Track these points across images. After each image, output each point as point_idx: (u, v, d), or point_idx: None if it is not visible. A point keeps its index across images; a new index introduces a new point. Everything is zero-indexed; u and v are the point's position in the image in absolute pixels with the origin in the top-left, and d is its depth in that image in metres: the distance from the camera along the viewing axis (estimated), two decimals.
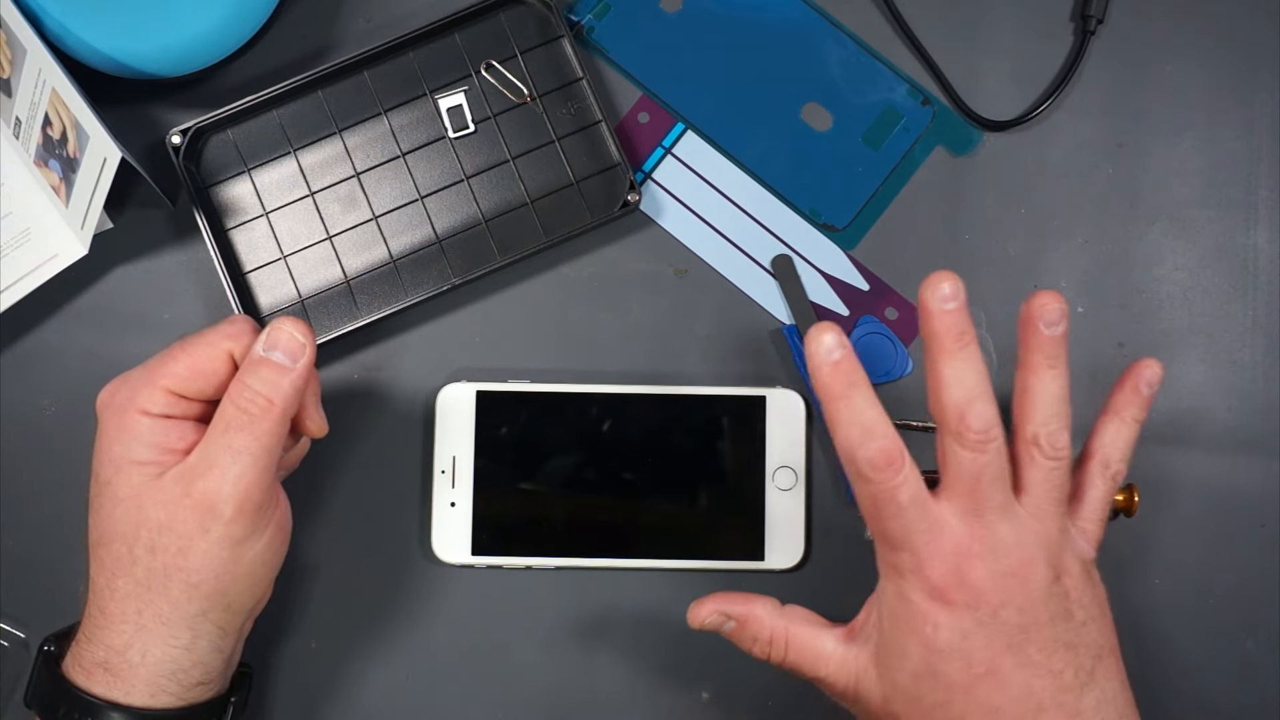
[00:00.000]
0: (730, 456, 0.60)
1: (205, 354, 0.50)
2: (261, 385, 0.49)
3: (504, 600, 0.61)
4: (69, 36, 0.57)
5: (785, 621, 0.51)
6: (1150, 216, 0.63)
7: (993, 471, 0.47)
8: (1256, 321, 0.62)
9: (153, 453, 0.49)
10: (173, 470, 0.49)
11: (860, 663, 0.50)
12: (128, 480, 0.49)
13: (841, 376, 0.47)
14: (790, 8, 0.64)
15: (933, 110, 0.63)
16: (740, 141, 0.63)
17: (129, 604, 0.49)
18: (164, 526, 0.48)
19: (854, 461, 0.47)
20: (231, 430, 0.49)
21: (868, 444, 0.47)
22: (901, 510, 0.47)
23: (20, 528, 0.61)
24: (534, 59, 0.62)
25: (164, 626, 0.49)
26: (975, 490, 0.47)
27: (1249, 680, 0.60)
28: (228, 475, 0.48)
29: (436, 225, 0.62)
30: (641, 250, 0.62)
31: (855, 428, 0.47)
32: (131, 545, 0.49)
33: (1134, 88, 0.63)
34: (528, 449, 0.60)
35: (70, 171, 0.58)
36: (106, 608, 0.49)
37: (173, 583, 0.49)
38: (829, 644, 0.51)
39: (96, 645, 0.49)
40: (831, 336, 0.47)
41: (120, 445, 0.49)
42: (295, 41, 0.63)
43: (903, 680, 0.48)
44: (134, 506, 0.49)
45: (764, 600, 0.52)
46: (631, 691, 0.60)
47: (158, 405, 0.49)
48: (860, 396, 0.47)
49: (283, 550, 0.52)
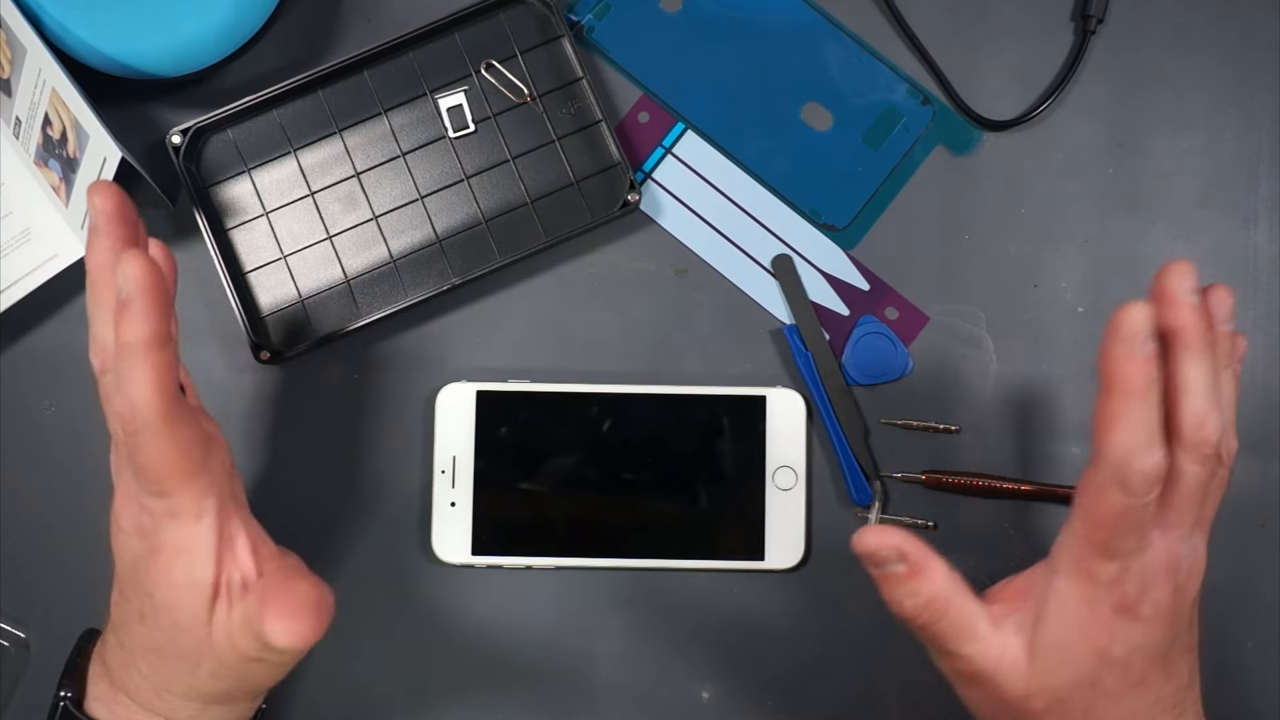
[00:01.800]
0: (730, 456, 0.60)
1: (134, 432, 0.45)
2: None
3: (504, 600, 0.61)
4: (69, 36, 0.57)
5: (953, 587, 0.47)
6: (1150, 216, 0.63)
7: (1208, 488, 0.45)
8: (1256, 321, 0.62)
9: (211, 570, 0.47)
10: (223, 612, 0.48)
11: (1009, 653, 0.47)
12: (188, 610, 0.47)
13: (1145, 372, 0.42)
14: (790, 8, 0.63)
15: (933, 110, 0.63)
16: (740, 141, 0.63)
17: (192, 702, 0.49)
18: (226, 664, 0.48)
19: (1125, 468, 0.42)
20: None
21: (1147, 456, 0.42)
22: (1133, 528, 0.44)
23: (20, 528, 0.61)
24: (534, 59, 0.62)
25: (228, 706, 0.51)
26: (1187, 506, 0.44)
27: (1249, 680, 0.60)
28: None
29: (436, 225, 0.62)
30: (641, 250, 0.62)
31: (1142, 434, 0.42)
32: (194, 667, 0.49)
33: (1134, 88, 0.63)
34: (528, 449, 0.60)
35: (70, 171, 0.58)
36: (165, 697, 0.49)
37: (236, 692, 0.50)
38: (983, 625, 0.47)
39: (156, 715, 0.49)
40: (1146, 321, 0.42)
41: (180, 568, 0.47)
42: (295, 41, 0.63)
43: (1057, 683, 0.46)
44: (196, 640, 0.48)
45: (938, 557, 0.47)
46: (631, 691, 0.60)
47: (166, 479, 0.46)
48: (1153, 400, 0.42)
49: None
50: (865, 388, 0.61)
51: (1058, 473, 0.61)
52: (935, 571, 0.47)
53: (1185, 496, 0.44)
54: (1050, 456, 0.61)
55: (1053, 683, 0.46)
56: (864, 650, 0.60)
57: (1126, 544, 0.44)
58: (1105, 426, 0.43)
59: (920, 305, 0.62)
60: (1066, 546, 0.46)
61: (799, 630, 0.61)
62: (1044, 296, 0.62)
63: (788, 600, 0.61)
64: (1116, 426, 0.42)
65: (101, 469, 0.61)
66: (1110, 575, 0.45)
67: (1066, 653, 0.46)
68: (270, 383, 0.61)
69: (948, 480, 0.60)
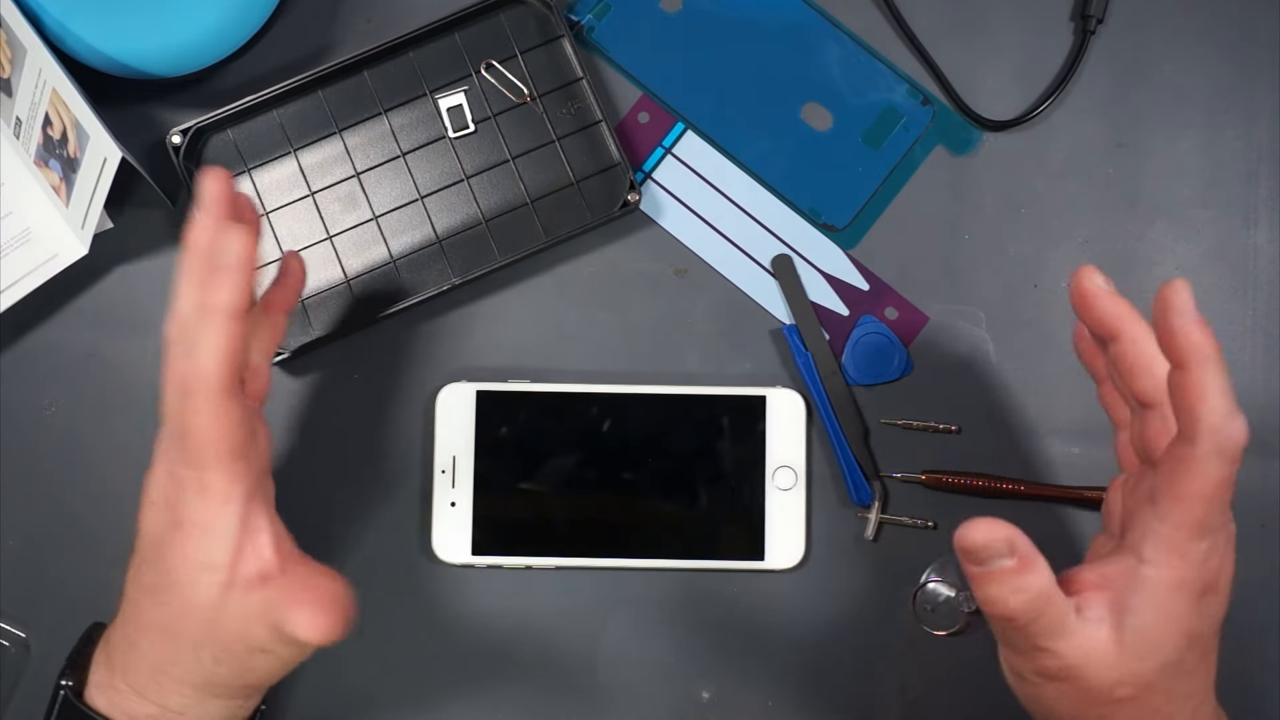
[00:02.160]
0: (730, 456, 0.60)
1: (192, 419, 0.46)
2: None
3: (504, 600, 0.61)
4: (69, 36, 0.57)
5: (1054, 582, 0.45)
6: (1150, 216, 0.63)
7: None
8: (1256, 321, 0.62)
9: (229, 554, 0.48)
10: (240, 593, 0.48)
11: (1098, 644, 0.45)
12: (202, 590, 0.47)
13: (1210, 337, 0.43)
14: (790, 8, 0.63)
15: (933, 110, 0.63)
16: (740, 141, 0.63)
17: (187, 687, 0.49)
18: (231, 651, 0.48)
19: (1223, 435, 0.43)
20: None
21: (1238, 420, 0.43)
22: (1225, 501, 0.44)
23: (20, 528, 0.61)
24: (534, 59, 0.62)
25: (222, 700, 0.50)
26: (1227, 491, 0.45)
27: (1249, 680, 0.60)
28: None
29: (436, 225, 0.62)
30: (641, 250, 0.62)
31: (1229, 398, 0.43)
32: (198, 650, 0.48)
33: (1134, 88, 0.63)
34: (528, 449, 0.60)
35: (70, 171, 0.58)
36: (161, 680, 0.49)
37: (235, 684, 0.50)
38: (1071, 618, 0.46)
39: (149, 702, 0.49)
40: (1189, 295, 0.43)
41: (196, 545, 0.47)
42: (295, 41, 0.63)
43: (1146, 669, 0.46)
44: (205, 622, 0.48)
45: (1039, 552, 0.46)
46: (631, 691, 0.60)
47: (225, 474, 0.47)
48: (1223, 365, 0.43)
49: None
50: (865, 388, 0.61)
51: (1058, 473, 0.61)
52: (1042, 566, 0.45)
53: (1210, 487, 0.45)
54: (1050, 456, 0.61)
55: (1142, 669, 0.46)
56: (864, 650, 0.60)
57: (1217, 519, 0.44)
58: (1197, 396, 0.43)
59: (920, 305, 0.62)
60: (1153, 533, 0.45)
61: (799, 630, 0.60)
62: (1044, 296, 0.62)
63: (788, 600, 0.61)
64: (1208, 394, 0.42)
65: (102, 469, 0.61)
66: (1202, 554, 0.45)
67: (1159, 639, 0.45)
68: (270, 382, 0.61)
69: (948, 480, 0.60)
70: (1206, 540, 0.45)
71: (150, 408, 0.61)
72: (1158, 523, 0.45)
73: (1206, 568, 0.45)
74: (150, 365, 0.61)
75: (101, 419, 0.61)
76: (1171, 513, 0.45)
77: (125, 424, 0.61)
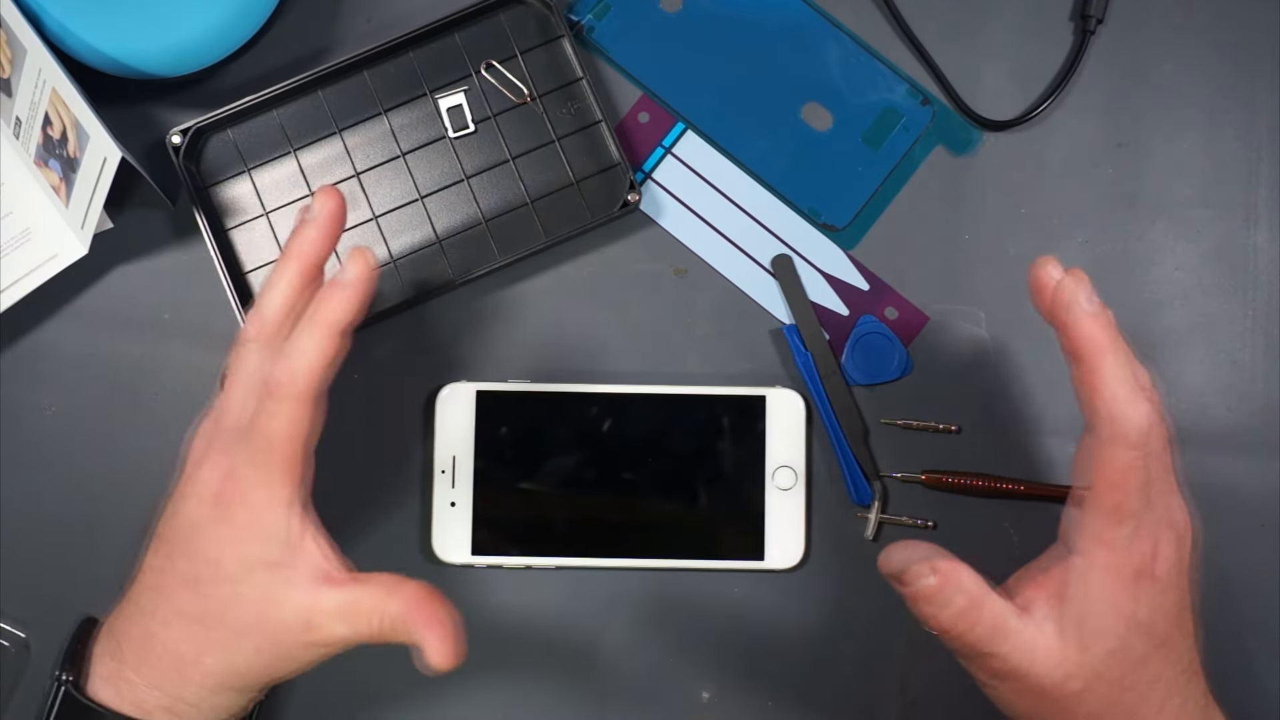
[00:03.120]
0: (730, 456, 0.60)
1: (282, 432, 0.48)
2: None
3: (504, 600, 0.61)
4: (69, 36, 0.57)
5: (982, 590, 0.47)
6: (1150, 216, 0.63)
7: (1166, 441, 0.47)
8: (1256, 321, 0.62)
9: (284, 553, 0.48)
10: (300, 590, 0.49)
11: (1042, 641, 0.47)
12: (255, 584, 0.48)
13: (1107, 325, 0.46)
14: (790, 8, 0.64)
15: (933, 110, 0.63)
16: (740, 141, 0.63)
17: (212, 678, 0.49)
18: (278, 641, 0.49)
19: (1123, 421, 0.45)
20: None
21: (1140, 402, 0.45)
22: (1139, 484, 0.45)
23: (20, 528, 0.61)
24: (534, 59, 0.62)
25: (238, 692, 0.50)
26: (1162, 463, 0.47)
27: (1249, 680, 0.60)
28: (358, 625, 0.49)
29: (436, 225, 0.62)
30: (641, 250, 0.62)
31: (1127, 383, 0.45)
32: (240, 639, 0.49)
33: (1134, 88, 0.63)
34: (528, 449, 0.60)
35: (70, 171, 0.58)
36: (186, 671, 0.49)
37: (265, 675, 0.50)
38: (1012, 620, 0.47)
39: (163, 693, 0.49)
40: (1086, 287, 0.46)
41: (255, 545, 0.48)
42: (295, 41, 0.63)
43: (1092, 659, 0.46)
44: (257, 613, 0.48)
45: (962, 562, 0.47)
46: (631, 691, 0.60)
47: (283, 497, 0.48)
48: (1124, 349, 0.46)
49: None
50: (865, 388, 0.62)
51: (1058, 473, 0.61)
52: (965, 578, 0.47)
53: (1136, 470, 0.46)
54: (1050, 456, 0.61)
55: (1088, 659, 0.47)
56: (864, 650, 0.60)
57: (1135, 502, 0.46)
58: (1093, 388, 0.46)
59: (920, 305, 0.62)
60: (1077, 523, 0.47)
61: (799, 630, 0.60)
62: None
63: (788, 600, 0.61)
64: (1103, 384, 0.45)
65: (101, 469, 0.61)
66: (1125, 537, 0.46)
67: (1097, 626, 0.46)
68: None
69: (948, 480, 0.60)
70: (1127, 525, 0.46)
71: (149, 406, 0.61)
72: (1079, 512, 0.47)
73: (1133, 552, 0.46)
74: (150, 365, 0.61)
75: (101, 419, 0.61)
76: (1089, 501, 0.46)
77: (125, 424, 0.61)
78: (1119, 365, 0.45)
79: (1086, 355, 0.46)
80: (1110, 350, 0.46)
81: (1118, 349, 0.46)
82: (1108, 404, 0.45)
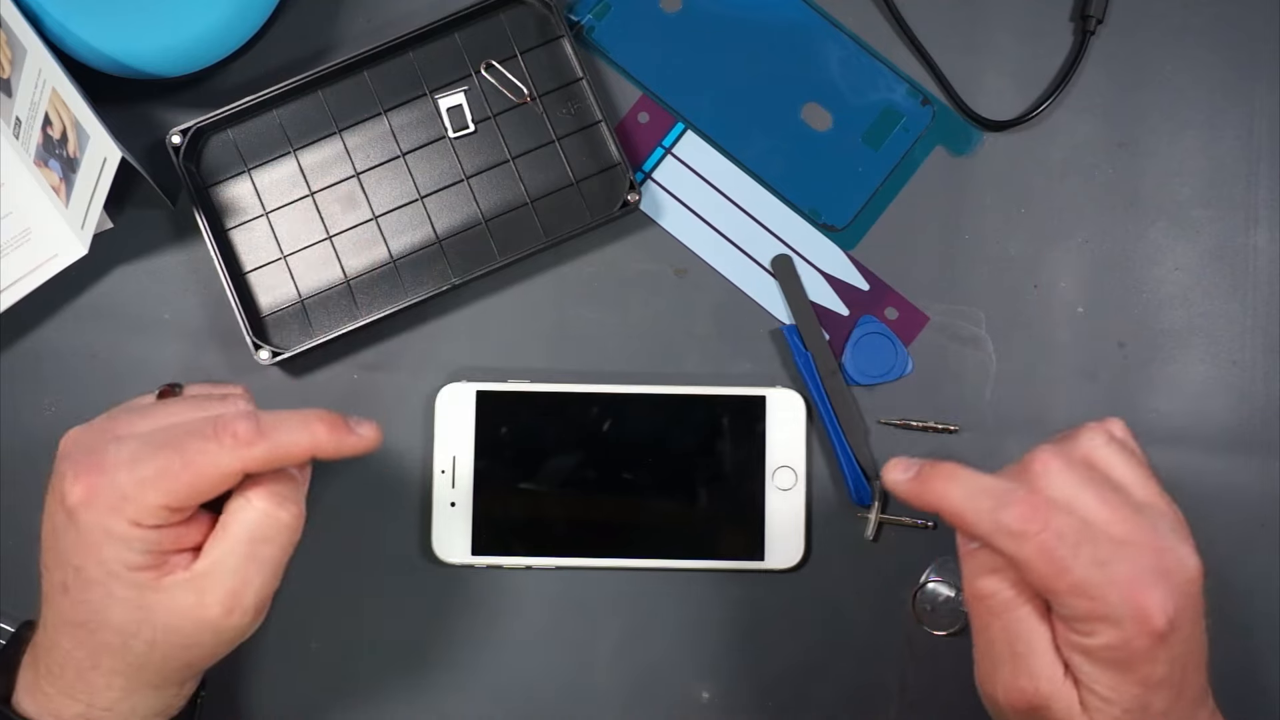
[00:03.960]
0: (730, 456, 0.60)
1: (211, 472, 0.45)
2: (297, 495, 0.47)
3: (504, 600, 0.61)
4: (69, 36, 0.57)
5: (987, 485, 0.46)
6: (1150, 216, 0.63)
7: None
8: (1256, 321, 0.62)
9: (149, 558, 0.46)
10: (180, 576, 0.46)
11: (1065, 693, 0.46)
12: (125, 583, 0.46)
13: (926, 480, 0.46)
14: (790, 8, 0.64)
15: (933, 110, 0.63)
16: (740, 141, 0.63)
17: (117, 679, 0.47)
18: (172, 629, 0.46)
19: (1004, 529, 0.44)
20: (260, 542, 0.46)
21: (1006, 505, 0.44)
22: (1077, 549, 0.44)
23: (20, 528, 0.61)
24: (534, 59, 0.62)
25: (155, 690, 0.48)
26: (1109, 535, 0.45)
27: (1249, 680, 0.60)
28: (251, 584, 0.46)
29: (436, 225, 0.62)
30: (641, 250, 0.62)
31: (980, 498, 0.45)
32: (128, 639, 0.46)
33: (1134, 88, 0.63)
34: (528, 449, 0.60)
35: (70, 171, 0.58)
36: (89, 676, 0.47)
37: (170, 665, 0.48)
38: (1047, 668, 0.46)
39: (76, 701, 0.48)
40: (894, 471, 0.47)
41: (111, 550, 0.45)
42: (295, 41, 0.63)
43: (1110, 715, 0.45)
44: (135, 607, 0.46)
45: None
46: (632, 691, 0.60)
47: (151, 518, 0.45)
48: (945, 476, 0.46)
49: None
50: (865, 388, 0.62)
51: None
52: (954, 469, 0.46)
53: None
54: None
55: (1107, 714, 0.45)
56: (864, 650, 0.60)
57: (1080, 573, 0.44)
58: (960, 512, 0.45)
59: (920, 305, 0.62)
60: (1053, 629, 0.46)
61: (799, 630, 0.60)
62: (1044, 296, 0.62)
63: (788, 600, 0.61)
64: (960, 511, 0.45)
65: None
66: (1118, 603, 0.44)
67: (1114, 688, 0.45)
68: (270, 383, 0.61)
69: None
70: (1084, 597, 0.44)
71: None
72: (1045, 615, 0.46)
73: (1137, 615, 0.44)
74: (150, 365, 0.61)
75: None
76: (1047, 594, 0.45)
77: None
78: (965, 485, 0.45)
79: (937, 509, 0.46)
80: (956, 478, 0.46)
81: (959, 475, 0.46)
82: (982, 519, 0.45)
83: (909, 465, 0.47)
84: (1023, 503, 0.44)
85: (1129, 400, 0.61)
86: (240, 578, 0.46)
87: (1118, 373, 0.62)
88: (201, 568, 0.46)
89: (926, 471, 0.47)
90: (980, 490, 0.45)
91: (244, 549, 0.46)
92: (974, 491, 0.45)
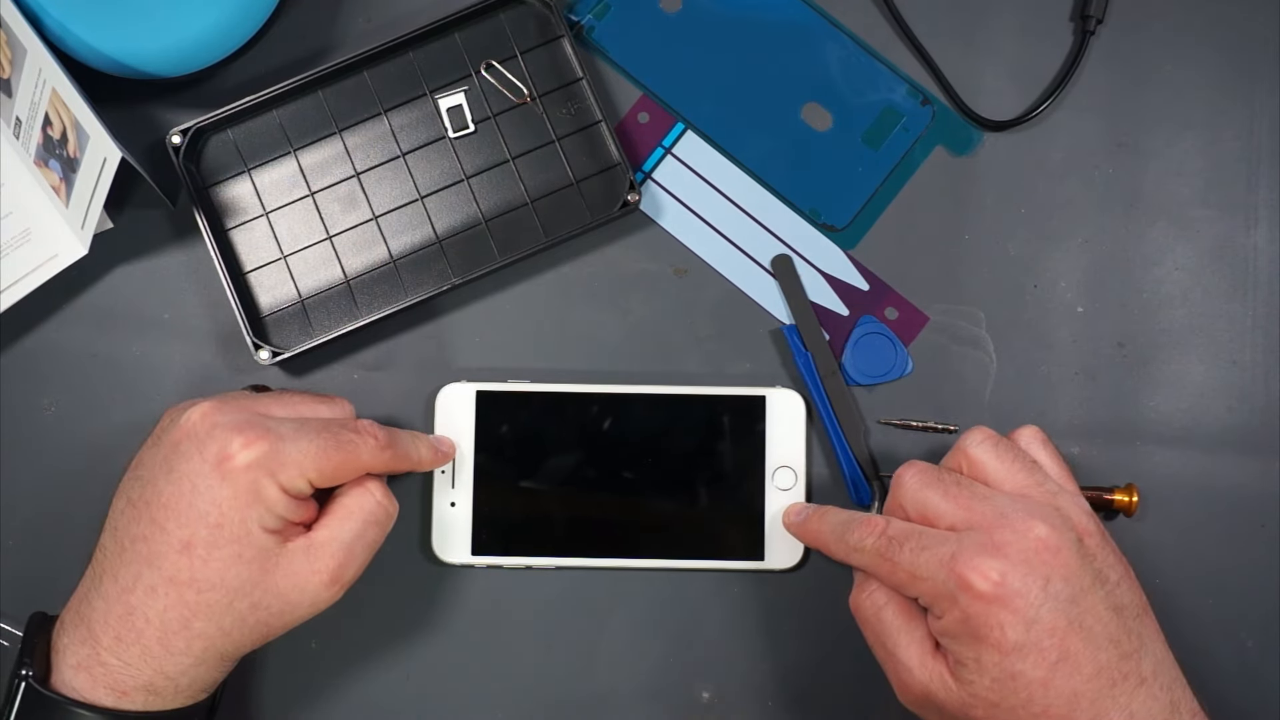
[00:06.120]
0: (730, 456, 0.60)
1: (355, 461, 0.52)
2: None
3: (504, 600, 0.61)
4: (69, 36, 0.57)
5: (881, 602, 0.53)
6: (1150, 216, 0.63)
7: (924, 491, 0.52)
8: (1256, 321, 0.62)
9: (280, 523, 0.51)
10: (300, 542, 0.52)
11: (936, 674, 0.51)
12: (254, 544, 0.50)
13: (805, 522, 0.56)
14: (790, 8, 0.64)
15: (933, 110, 0.63)
16: (740, 141, 0.63)
17: (199, 642, 0.50)
18: (278, 592, 0.51)
19: (852, 547, 0.52)
20: (370, 525, 0.53)
21: (851, 527, 0.53)
22: (902, 545, 0.51)
23: (20, 528, 0.61)
24: (534, 59, 0.62)
25: (222, 660, 0.52)
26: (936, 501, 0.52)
27: (1249, 680, 0.60)
28: (355, 560, 0.53)
29: (436, 225, 0.62)
30: (641, 250, 0.62)
31: (835, 529, 0.54)
32: (234, 599, 0.50)
33: (1134, 88, 0.63)
34: (528, 449, 0.60)
35: (70, 171, 0.58)
36: (172, 639, 0.50)
37: (258, 631, 0.52)
38: (914, 657, 0.52)
39: (142, 670, 0.50)
40: (789, 515, 0.58)
41: (255, 510, 0.50)
42: (295, 41, 0.63)
43: (982, 689, 0.49)
44: (256, 568, 0.51)
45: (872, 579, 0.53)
46: (631, 691, 0.60)
47: (297, 488, 0.51)
48: (818, 515, 0.56)
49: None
50: (865, 388, 0.62)
51: None
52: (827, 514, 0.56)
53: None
54: None
55: (979, 690, 0.49)
56: (864, 650, 0.60)
57: (908, 563, 0.50)
58: (826, 543, 0.55)
59: (920, 305, 0.62)
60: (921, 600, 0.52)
61: (799, 630, 0.61)
62: (1044, 296, 0.62)
63: (788, 600, 0.61)
64: (827, 543, 0.54)
65: (102, 469, 0.61)
66: (948, 584, 0.49)
67: (975, 660, 0.49)
68: (270, 383, 0.61)
69: None
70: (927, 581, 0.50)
71: (149, 406, 0.61)
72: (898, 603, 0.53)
73: (967, 591, 0.48)
74: (150, 365, 0.61)
75: (101, 419, 0.61)
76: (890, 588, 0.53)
77: (125, 424, 0.61)
78: (826, 520, 0.55)
79: (818, 547, 0.55)
80: (816, 518, 0.56)
81: (823, 515, 0.56)
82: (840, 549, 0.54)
83: (801, 510, 0.57)
84: (863, 522, 0.52)
85: (1129, 400, 0.61)
86: (349, 552, 0.52)
87: (1118, 373, 0.62)
88: (320, 538, 0.52)
89: (808, 513, 0.56)
90: (838, 521, 0.54)
91: (358, 528, 0.53)
92: (834, 524, 0.54)
